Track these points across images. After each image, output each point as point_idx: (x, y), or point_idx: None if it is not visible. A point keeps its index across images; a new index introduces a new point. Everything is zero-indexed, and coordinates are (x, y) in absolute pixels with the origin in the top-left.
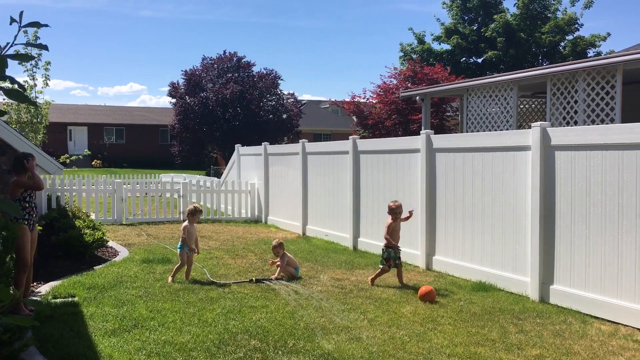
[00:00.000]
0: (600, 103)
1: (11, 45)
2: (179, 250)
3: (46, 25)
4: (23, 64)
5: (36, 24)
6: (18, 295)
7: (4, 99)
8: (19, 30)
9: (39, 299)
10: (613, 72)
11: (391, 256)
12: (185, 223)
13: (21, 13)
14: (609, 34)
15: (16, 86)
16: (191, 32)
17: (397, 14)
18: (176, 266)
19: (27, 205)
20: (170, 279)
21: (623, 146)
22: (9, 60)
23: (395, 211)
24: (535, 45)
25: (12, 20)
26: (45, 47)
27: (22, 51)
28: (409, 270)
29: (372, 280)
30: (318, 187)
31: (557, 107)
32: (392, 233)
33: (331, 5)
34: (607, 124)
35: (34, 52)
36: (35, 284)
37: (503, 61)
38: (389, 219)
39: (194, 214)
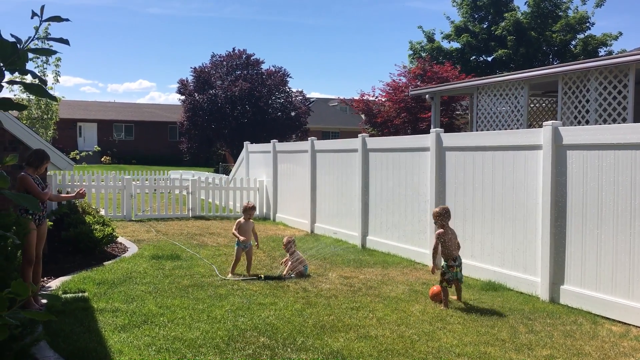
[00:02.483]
0: (612, 102)
1: (32, 39)
2: (235, 247)
3: (67, 20)
4: (34, 60)
5: (57, 18)
6: (36, 289)
7: (15, 95)
8: (40, 23)
9: (49, 293)
10: (625, 71)
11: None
12: (240, 219)
13: (42, 7)
14: (620, 33)
15: (37, 81)
16: (199, 30)
17: (407, 12)
18: (233, 263)
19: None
20: (229, 275)
21: (636, 146)
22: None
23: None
24: (546, 44)
25: (34, 14)
26: (66, 42)
27: (41, 45)
28: (417, 269)
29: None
30: (327, 185)
31: (569, 106)
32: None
33: (340, 3)
34: (619, 123)
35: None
36: (45, 279)
37: (513, 60)
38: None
39: (246, 210)
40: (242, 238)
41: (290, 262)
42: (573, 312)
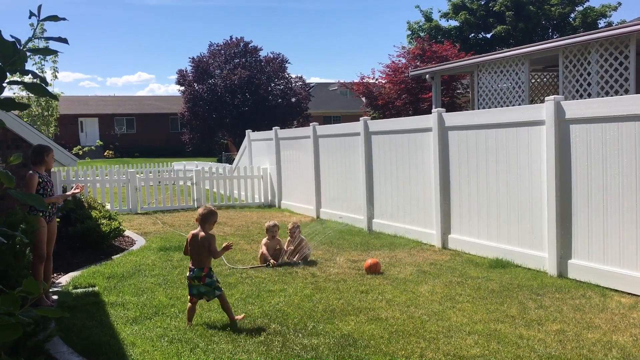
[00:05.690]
0: (613, 74)
1: (31, 39)
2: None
3: (64, 19)
4: (31, 57)
5: (54, 18)
6: (47, 287)
7: (14, 93)
8: (38, 23)
9: (60, 289)
10: (626, 42)
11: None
12: (264, 239)
13: (39, 7)
14: (619, 4)
15: (37, 80)
16: (196, 19)
17: None
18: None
19: (43, 197)
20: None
21: (639, 117)
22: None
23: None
24: (545, 18)
25: (32, 14)
26: (65, 41)
27: (40, 44)
28: (424, 249)
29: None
30: (330, 170)
31: (570, 80)
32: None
33: None
34: (621, 95)
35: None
36: (55, 274)
37: (512, 35)
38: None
39: (268, 230)
40: (261, 251)
41: (293, 247)
42: (582, 286)
